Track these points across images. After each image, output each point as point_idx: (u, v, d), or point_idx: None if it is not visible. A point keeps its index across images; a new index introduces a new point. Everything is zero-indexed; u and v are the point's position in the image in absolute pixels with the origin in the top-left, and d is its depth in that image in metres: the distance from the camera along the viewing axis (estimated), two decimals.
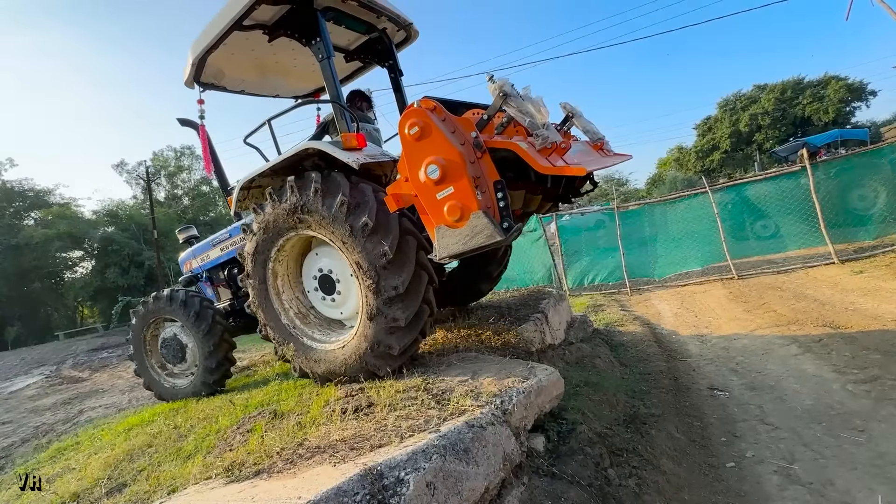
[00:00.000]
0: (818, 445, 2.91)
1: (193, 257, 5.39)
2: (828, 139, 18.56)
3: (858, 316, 5.17)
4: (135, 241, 30.54)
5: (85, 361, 14.14)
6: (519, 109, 2.51)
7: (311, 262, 3.55)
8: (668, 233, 10.30)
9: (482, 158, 2.44)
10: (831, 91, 34.84)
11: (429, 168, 2.47)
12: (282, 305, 3.58)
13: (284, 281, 3.61)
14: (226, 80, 4.33)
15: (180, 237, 5.84)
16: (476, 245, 2.43)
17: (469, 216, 2.41)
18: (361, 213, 2.92)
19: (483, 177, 2.43)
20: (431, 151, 2.47)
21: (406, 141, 2.56)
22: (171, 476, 2.52)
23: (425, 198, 2.55)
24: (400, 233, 2.91)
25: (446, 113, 2.51)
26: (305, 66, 4.40)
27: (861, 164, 8.82)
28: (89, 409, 7.18)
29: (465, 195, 2.41)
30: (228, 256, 4.94)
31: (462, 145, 2.43)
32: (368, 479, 1.62)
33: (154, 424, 4.01)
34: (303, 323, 3.56)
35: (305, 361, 3.41)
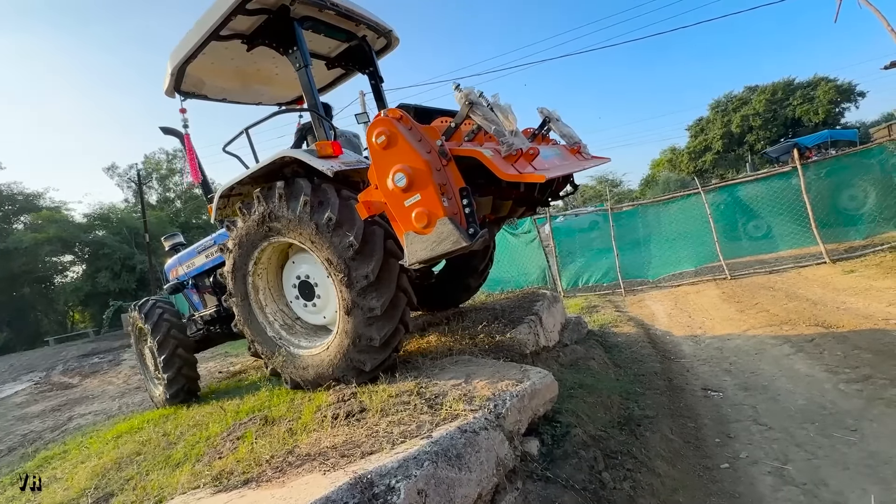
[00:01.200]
0: (811, 445, 2.91)
1: (179, 264, 5.38)
2: (818, 140, 18.77)
3: (850, 315, 5.21)
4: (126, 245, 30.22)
5: (75, 367, 13.95)
6: (484, 117, 2.57)
7: (289, 271, 3.57)
8: (661, 233, 10.35)
9: (448, 166, 2.48)
10: (821, 92, 35.28)
11: (396, 176, 2.50)
12: (266, 319, 3.58)
13: (266, 294, 3.62)
14: (207, 89, 4.30)
15: (166, 244, 5.88)
16: (443, 251, 2.46)
17: (435, 223, 2.45)
18: (324, 209, 2.95)
19: (449, 184, 2.47)
20: (398, 160, 2.52)
21: (374, 150, 2.60)
22: (159, 485, 2.48)
23: (394, 205, 2.59)
24: (364, 223, 2.92)
25: (412, 122, 2.55)
26: (287, 74, 4.37)
27: (851, 165, 8.91)
28: (78, 416, 7.07)
29: (431, 202, 2.45)
30: (214, 263, 4.92)
31: (428, 153, 2.47)
32: (358, 487, 1.59)
33: (143, 431, 3.96)
34: (289, 333, 3.56)
35: (295, 370, 3.40)
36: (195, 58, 3.59)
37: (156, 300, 4.99)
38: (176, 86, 3.92)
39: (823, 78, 36.15)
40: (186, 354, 4.74)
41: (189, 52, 3.52)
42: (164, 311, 4.83)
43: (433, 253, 2.49)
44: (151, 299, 5.02)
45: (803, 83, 37.22)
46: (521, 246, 11.04)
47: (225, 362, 8.23)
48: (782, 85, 37.92)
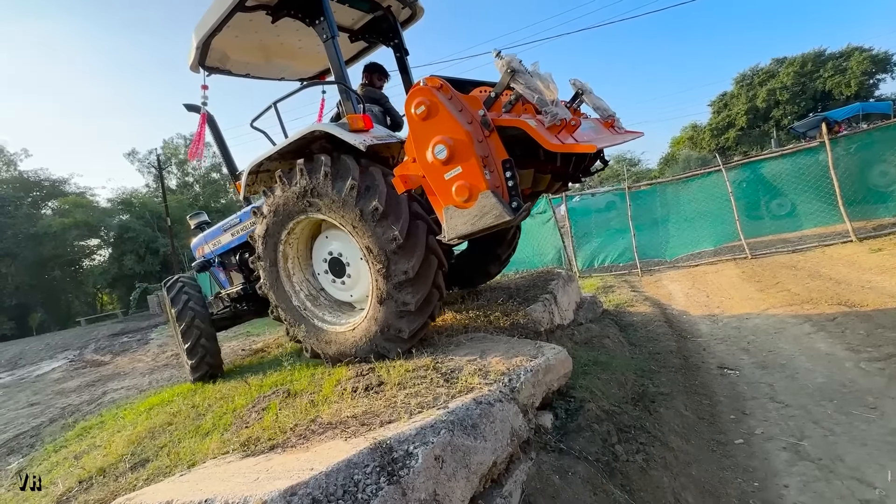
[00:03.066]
0: (828, 422, 2.90)
1: (205, 242, 5.45)
2: (849, 113, 17.91)
3: (875, 294, 5.08)
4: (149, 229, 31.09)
5: (106, 346, 14.59)
6: (527, 86, 2.45)
7: (321, 244, 3.57)
8: (680, 213, 10.13)
9: (490, 137, 2.40)
10: (854, 63, 33.50)
11: (436, 148, 2.43)
12: (292, 287, 3.62)
13: (295, 263, 3.64)
14: (230, 64, 4.30)
15: (191, 223, 5.91)
16: (485, 225, 2.41)
17: (477, 196, 2.38)
18: (371, 197, 2.91)
19: (491, 156, 2.39)
20: (438, 131, 2.43)
21: (412, 120, 2.53)
22: (191, 451, 2.62)
23: (433, 178, 2.52)
24: (410, 217, 2.90)
25: (453, 91, 2.47)
26: (310, 48, 4.36)
27: (883, 139, 8.50)
28: (112, 391, 7.43)
29: (473, 175, 2.38)
30: (240, 241, 4.98)
31: (469, 124, 2.39)
32: (378, 452, 1.67)
33: (173, 404, 4.15)
34: (313, 305, 3.61)
35: (317, 343, 3.48)
36: (220, 31, 3.57)
37: (183, 282, 5.02)
38: (201, 60, 3.90)
39: (857, 48, 34.26)
40: (209, 343, 4.79)
41: (214, 25, 3.50)
42: (190, 297, 4.86)
43: (474, 228, 2.45)
44: (179, 280, 5.05)
45: (835, 54, 35.36)
46: (537, 226, 10.96)
47: (247, 341, 8.50)
48: (812, 56, 36.09)
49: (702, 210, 9.78)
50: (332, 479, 1.50)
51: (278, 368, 4.13)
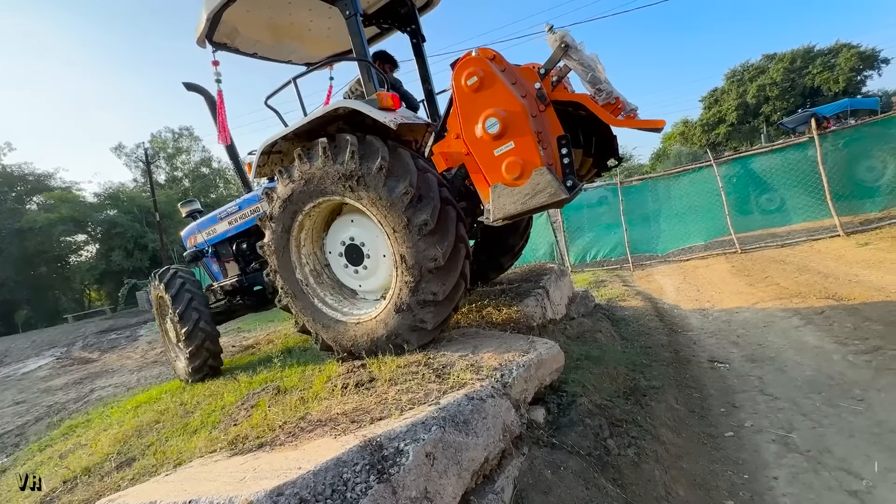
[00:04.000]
0: (817, 415, 2.93)
1: (198, 231, 5.24)
2: (837, 109, 18.10)
3: (862, 288, 5.14)
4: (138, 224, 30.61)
5: (94, 343, 14.38)
6: (580, 62, 2.34)
7: (343, 226, 3.36)
8: (671, 208, 10.20)
9: (545, 112, 2.28)
10: (842, 59, 33.86)
11: (487, 121, 2.30)
12: (299, 259, 3.42)
13: (308, 235, 3.43)
14: (239, 41, 4.12)
15: (183, 211, 5.67)
16: (537, 204, 2.29)
17: (531, 173, 2.25)
18: (424, 208, 2.73)
19: (545, 132, 2.27)
20: (491, 103, 2.29)
21: (462, 92, 2.38)
22: (178, 450, 2.58)
23: (481, 154, 2.37)
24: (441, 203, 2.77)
25: (506, 62, 2.34)
26: (320, 32, 4.26)
27: (870, 135, 8.61)
28: (100, 389, 7.33)
29: (527, 150, 2.24)
30: (237, 230, 4.80)
31: (524, 97, 2.27)
32: (368, 449, 1.64)
33: (161, 401, 4.10)
34: (316, 282, 3.44)
35: (312, 323, 3.35)
36: (233, 2, 3.41)
37: (177, 269, 4.82)
38: (209, 34, 3.71)
39: (846, 44, 34.62)
40: (209, 328, 4.55)
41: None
42: (186, 280, 4.64)
43: (525, 207, 2.32)
44: (172, 268, 4.84)
45: (823, 50, 35.70)
46: None
47: (237, 337, 8.42)
48: (801, 52, 36.41)
49: (693, 205, 9.86)
50: (321, 478, 1.47)
51: (269, 365, 4.09)
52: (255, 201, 4.68)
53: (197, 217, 5.43)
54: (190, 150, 39.78)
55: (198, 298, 4.56)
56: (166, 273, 4.75)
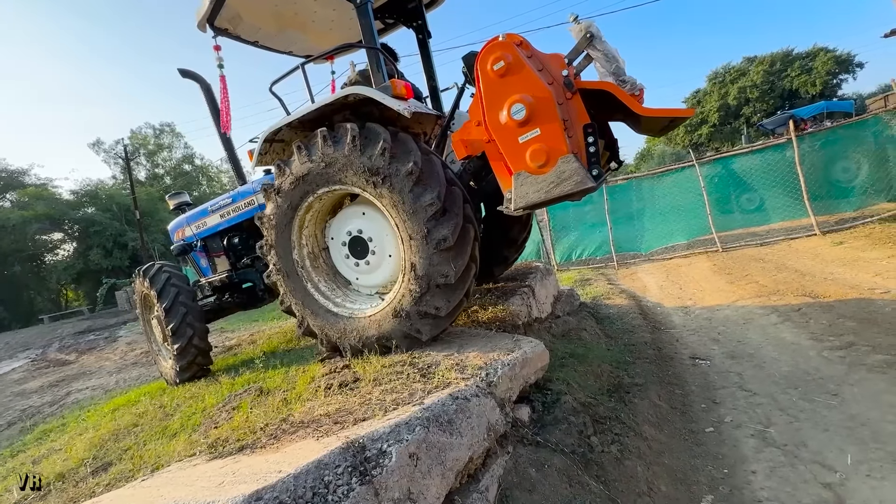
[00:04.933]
0: (794, 409, 3.00)
1: (187, 225, 5.05)
2: (814, 111, 18.62)
3: (837, 285, 5.29)
4: (117, 222, 29.88)
5: (71, 344, 13.99)
6: (605, 53, 2.33)
7: (352, 216, 3.25)
8: (655, 207, 10.36)
9: (572, 100, 2.26)
10: (819, 63, 34.78)
11: (513, 107, 2.26)
12: (299, 239, 3.31)
13: (314, 217, 3.32)
14: (241, 27, 4.00)
15: (171, 203, 5.44)
16: (562, 192, 2.26)
17: (556, 161, 2.22)
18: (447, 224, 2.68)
19: (571, 119, 2.24)
20: (517, 89, 2.26)
21: (488, 78, 2.34)
22: (156, 454, 2.51)
23: (505, 141, 2.33)
24: (469, 259, 2.76)
25: (533, 48, 2.32)
26: (323, 24, 4.20)
27: (845, 136, 8.87)
28: (76, 392, 7.13)
29: (553, 137, 2.21)
30: (229, 224, 4.65)
31: (550, 84, 2.24)
32: (350, 451, 1.62)
33: (140, 404, 4.00)
34: (312, 265, 3.35)
35: (302, 307, 3.26)
36: None
37: (162, 264, 4.62)
38: (211, 18, 3.59)
39: (822, 48, 35.57)
40: (197, 323, 4.34)
41: None
42: (171, 275, 4.44)
43: (548, 195, 2.29)
44: (157, 263, 4.64)
45: (801, 54, 36.62)
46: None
47: (220, 337, 8.27)
48: (781, 56, 37.30)
49: (676, 204, 10.02)
50: (301, 482, 1.45)
51: (251, 366, 4.02)
52: (249, 194, 4.55)
53: (185, 210, 5.24)
54: (172, 146, 38.98)
55: (185, 293, 4.37)
56: (151, 268, 4.55)
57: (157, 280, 4.38)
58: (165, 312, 4.25)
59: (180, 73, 4.51)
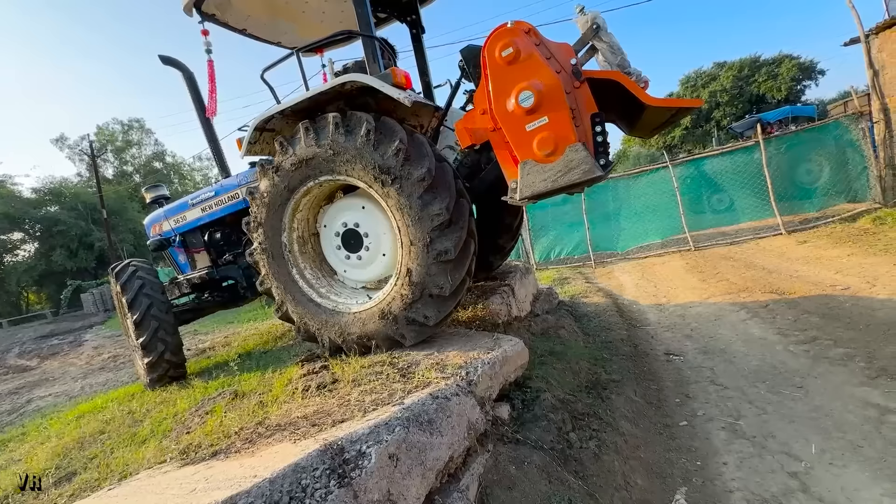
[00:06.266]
0: (762, 402, 3.11)
1: (165, 219, 4.82)
2: (780, 116, 19.42)
3: (801, 282, 5.52)
4: (83, 222, 28.64)
5: (32, 349, 13.34)
6: (610, 44, 2.35)
7: (350, 207, 3.15)
8: (630, 207, 10.60)
9: (580, 88, 2.25)
10: (784, 70, 36.24)
11: (521, 95, 2.25)
12: (291, 223, 3.19)
13: (310, 202, 3.20)
14: (230, 13, 3.84)
15: (147, 196, 5.21)
16: (569, 181, 2.25)
17: (564, 149, 2.21)
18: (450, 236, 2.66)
19: (579, 109, 2.24)
20: (525, 77, 2.24)
21: (495, 65, 2.32)
22: (124, 462, 2.42)
23: (511, 129, 2.32)
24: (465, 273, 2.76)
25: (541, 37, 2.30)
26: (314, 15, 4.11)
27: (809, 140, 9.28)
28: (38, 399, 6.79)
29: (561, 126, 2.21)
30: (211, 218, 4.47)
31: (559, 73, 2.23)
32: (329, 453, 1.59)
33: (107, 411, 3.84)
34: (300, 250, 3.24)
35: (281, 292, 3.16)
36: None
37: (136, 266, 4.36)
38: (199, 1, 3.44)
39: (787, 55, 37.06)
40: (169, 338, 4.14)
41: None
42: (145, 282, 4.21)
43: (555, 185, 2.28)
44: (131, 264, 4.38)
45: (768, 60, 38.08)
46: None
47: (193, 340, 8.03)
48: (749, 62, 38.69)
49: (650, 204, 10.28)
50: (277, 486, 1.41)
51: (226, 369, 3.91)
52: (233, 188, 4.38)
53: (163, 203, 5.01)
54: (141, 143, 37.63)
55: (157, 304, 4.16)
56: (124, 271, 4.28)
57: (130, 287, 4.14)
58: (135, 326, 4.04)
59: (161, 59, 4.32)
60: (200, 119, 4.42)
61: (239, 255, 4.47)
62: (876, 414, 2.70)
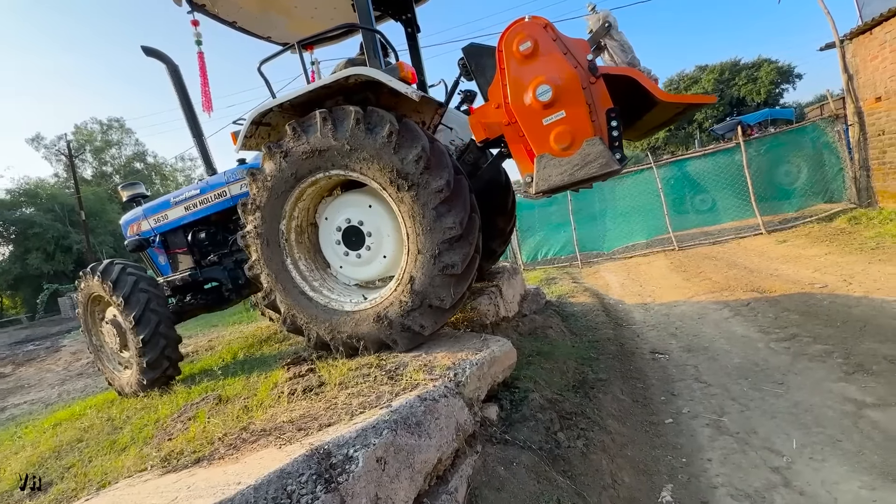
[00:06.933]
0: (744, 399, 3.17)
1: (144, 218, 4.64)
2: (759, 118, 19.89)
3: (781, 281, 5.65)
4: (60, 224, 27.87)
5: (7, 356, 12.91)
6: (621, 42, 2.41)
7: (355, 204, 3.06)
8: (616, 207, 10.74)
9: (596, 84, 2.28)
10: (763, 73, 37.14)
11: (539, 89, 2.26)
12: (292, 212, 3.07)
13: (315, 192, 3.10)
14: (220, 5, 3.70)
15: (124, 195, 4.96)
16: (586, 175, 2.28)
17: (581, 143, 2.25)
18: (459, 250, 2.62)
19: (595, 104, 2.27)
20: (544, 71, 2.27)
21: (512, 59, 2.34)
22: (103, 471, 2.35)
23: (528, 123, 2.34)
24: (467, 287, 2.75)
25: (558, 32, 2.32)
26: (307, 10, 4.05)
27: (787, 142, 9.52)
28: (12, 407, 6.57)
29: (578, 120, 2.24)
30: (195, 217, 4.31)
31: (576, 68, 2.26)
32: (315, 458, 1.56)
33: (85, 418, 3.73)
34: (296, 239, 3.14)
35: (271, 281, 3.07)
36: None
37: (124, 263, 4.14)
38: None
39: (766, 59, 38.01)
40: (171, 332, 3.99)
41: None
42: (139, 278, 4.00)
43: (572, 178, 2.30)
44: (118, 262, 4.14)
45: (748, 64, 38.99)
46: None
47: None
48: (729, 65, 39.55)
49: (635, 205, 10.43)
50: (262, 493, 1.38)
51: (209, 374, 3.83)
52: (220, 185, 4.24)
53: (141, 202, 4.80)
54: (121, 143, 36.78)
55: (156, 299, 3.97)
56: (111, 268, 4.02)
57: (122, 283, 3.91)
58: (136, 321, 3.82)
59: (144, 51, 4.18)
60: (186, 115, 4.31)
61: (224, 256, 4.35)
62: (853, 409, 2.77)
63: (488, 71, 2.74)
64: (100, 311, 4.50)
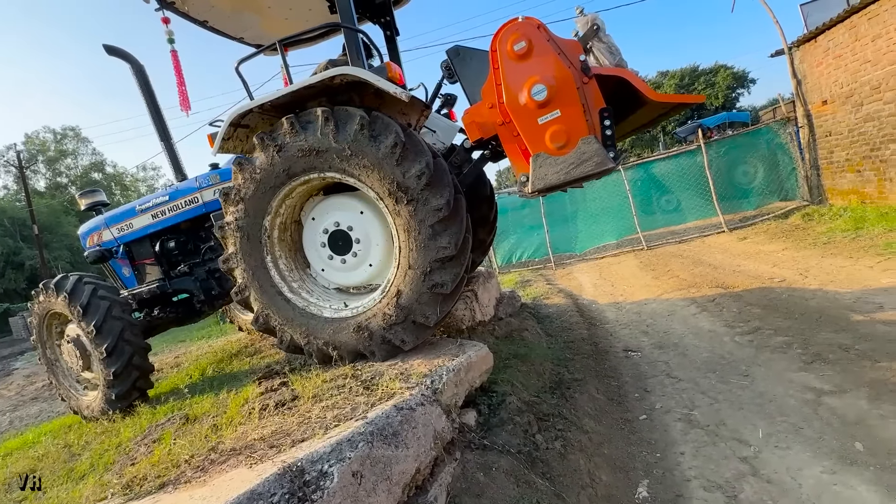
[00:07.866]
0: (713, 392, 3.28)
1: (105, 227, 4.38)
2: (718, 121, 20.85)
3: (743, 277, 5.90)
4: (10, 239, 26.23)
5: None
6: (609, 45, 2.47)
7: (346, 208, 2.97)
8: (587, 209, 10.98)
9: (589, 84, 2.31)
10: (720, 78, 38.99)
11: (534, 88, 2.28)
12: (279, 208, 2.95)
13: (305, 191, 2.99)
14: (191, 4, 3.55)
15: (82, 203, 4.69)
16: (582, 173, 2.30)
17: (577, 142, 2.27)
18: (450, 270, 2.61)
19: (588, 104, 2.30)
20: (538, 71, 2.28)
21: (507, 58, 2.34)
22: (58, 502, 2.20)
23: (523, 122, 2.35)
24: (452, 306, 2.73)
25: (551, 33, 2.34)
26: (280, 11, 3.94)
27: (744, 144, 10.00)
28: None
29: (573, 119, 2.27)
30: (163, 226, 4.10)
31: (569, 68, 2.29)
32: (287, 476, 1.51)
33: (40, 446, 3.50)
34: (279, 237, 3.03)
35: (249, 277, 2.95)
36: None
37: (80, 275, 3.87)
38: None
39: (723, 65, 39.94)
40: (136, 339, 3.72)
41: None
42: (97, 286, 3.72)
43: (568, 176, 2.32)
44: (73, 275, 3.88)
45: (706, 70, 40.85)
46: None
47: None
48: (689, 71, 41.33)
49: (605, 206, 10.70)
50: None
51: (176, 392, 3.67)
52: (192, 191, 4.05)
53: (101, 211, 4.55)
54: (77, 153, 35.07)
55: (118, 305, 3.72)
56: (65, 281, 3.76)
57: (79, 293, 3.64)
58: (97, 330, 3.54)
59: (106, 50, 3.96)
60: (152, 117, 4.13)
61: (195, 266, 4.16)
62: (813, 397, 2.91)
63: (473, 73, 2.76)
64: (58, 326, 4.21)
